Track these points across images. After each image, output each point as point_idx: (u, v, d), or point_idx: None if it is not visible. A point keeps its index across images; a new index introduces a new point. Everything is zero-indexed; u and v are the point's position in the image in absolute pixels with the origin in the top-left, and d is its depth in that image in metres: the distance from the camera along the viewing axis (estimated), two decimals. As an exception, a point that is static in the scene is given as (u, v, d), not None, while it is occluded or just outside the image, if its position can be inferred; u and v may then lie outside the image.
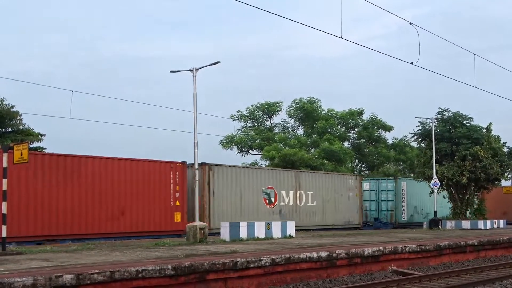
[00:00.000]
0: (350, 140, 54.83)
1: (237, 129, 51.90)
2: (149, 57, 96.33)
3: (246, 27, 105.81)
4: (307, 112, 49.91)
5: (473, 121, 34.91)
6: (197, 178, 21.45)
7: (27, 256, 14.16)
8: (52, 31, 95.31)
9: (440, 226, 31.57)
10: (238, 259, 12.89)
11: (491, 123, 35.56)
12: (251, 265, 13.06)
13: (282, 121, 52.62)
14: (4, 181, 15.49)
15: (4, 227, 15.09)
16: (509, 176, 39.19)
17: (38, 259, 13.25)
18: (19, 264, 12.05)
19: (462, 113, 35.02)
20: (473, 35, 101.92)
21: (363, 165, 56.21)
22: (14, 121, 32.41)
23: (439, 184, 32.40)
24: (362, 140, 54.42)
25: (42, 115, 58.30)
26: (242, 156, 51.20)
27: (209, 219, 26.66)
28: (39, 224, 21.41)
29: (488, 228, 32.46)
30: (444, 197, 36.04)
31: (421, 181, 36.17)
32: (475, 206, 35.69)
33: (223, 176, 27.91)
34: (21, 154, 15.66)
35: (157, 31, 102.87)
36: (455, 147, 33.73)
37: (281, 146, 45.87)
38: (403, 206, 39.09)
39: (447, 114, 35.00)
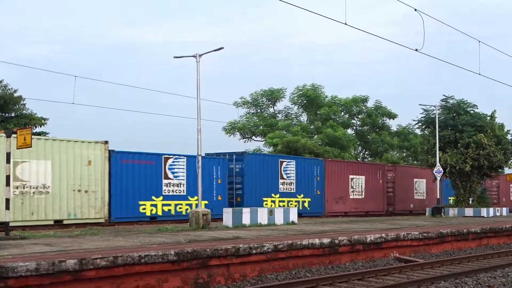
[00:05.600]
0: (354, 127, 54.74)
1: (240, 116, 51.92)
2: (156, 43, 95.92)
3: (250, 14, 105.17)
4: (310, 99, 49.78)
5: (477, 108, 34.85)
6: (199, 164, 21.41)
7: (31, 240, 14.21)
8: (55, 16, 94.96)
9: (442, 214, 31.58)
10: (241, 245, 12.91)
11: (495, 110, 35.50)
12: (254, 251, 13.08)
13: (285, 108, 52.56)
14: (7, 166, 15.50)
15: (7, 212, 15.14)
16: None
17: (41, 243, 13.29)
18: (23, 248, 12.10)
19: (466, 100, 34.93)
20: (477, 22, 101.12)
21: (367, 152, 56.17)
22: (17, 106, 32.41)
23: (442, 171, 32.35)
24: (366, 127, 54.30)
25: (46, 100, 58.38)
26: (245, 142, 51.27)
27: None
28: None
29: (491, 215, 32.45)
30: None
31: None
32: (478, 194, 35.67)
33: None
34: (24, 139, 15.66)
35: (162, 17, 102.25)
36: (458, 134, 33.65)
37: (284, 133, 45.82)
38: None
39: (451, 101, 34.90)
